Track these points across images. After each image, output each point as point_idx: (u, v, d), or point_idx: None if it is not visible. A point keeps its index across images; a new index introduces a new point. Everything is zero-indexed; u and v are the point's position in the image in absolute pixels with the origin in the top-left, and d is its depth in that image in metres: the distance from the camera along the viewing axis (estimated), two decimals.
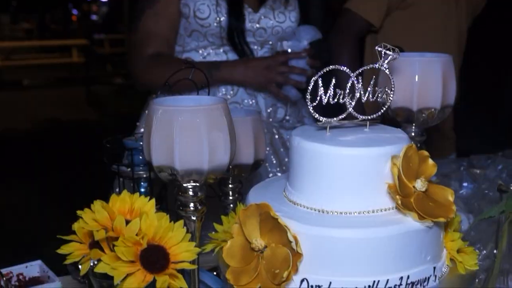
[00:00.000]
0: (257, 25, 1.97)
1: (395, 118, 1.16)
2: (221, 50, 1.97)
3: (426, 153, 0.96)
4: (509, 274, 1.07)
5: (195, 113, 0.93)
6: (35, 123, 8.84)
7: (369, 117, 0.98)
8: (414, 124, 1.16)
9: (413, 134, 1.18)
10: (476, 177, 1.46)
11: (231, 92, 1.96)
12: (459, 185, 1.45)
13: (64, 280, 1.20)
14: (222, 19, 1.90)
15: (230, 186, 1.27)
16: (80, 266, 1.36)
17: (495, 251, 1.08)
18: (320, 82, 0.94)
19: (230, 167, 1.23)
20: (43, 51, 16.80)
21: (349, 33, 2.21)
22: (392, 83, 0.98)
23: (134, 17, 2.00)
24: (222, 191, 1.28)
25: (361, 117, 0.98)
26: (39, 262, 1.19)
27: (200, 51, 1.97)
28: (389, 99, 0.98)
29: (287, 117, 2.04)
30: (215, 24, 1.91)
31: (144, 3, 1.95)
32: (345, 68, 0.95)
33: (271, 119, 2.01)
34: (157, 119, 0.94)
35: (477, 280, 1.13)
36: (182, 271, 0.86)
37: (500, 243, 1.06)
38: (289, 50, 1.89)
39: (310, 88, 0.94)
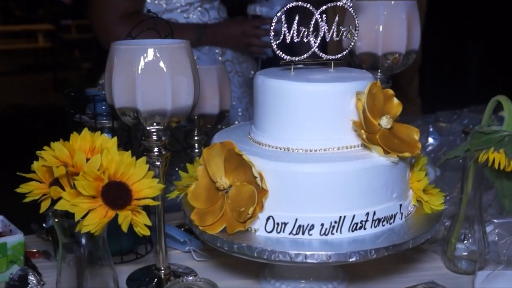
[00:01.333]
0: None
1: (360, 65, 1.15)
2: (203, 8, 1.92)
3: (391, 91, 0.95)
4: (475, 220, 1.07)
5: (158, 51, 0.90)
6: (1, 110, 8.70)
7: (334, 57, 0.98)
8: (379, 70, 1.15)
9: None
10: (442, 131, 1.47)
11: (220, 52, 1.95)
12: (425, 140, 1.45)
13: (28, 239, 1.17)
14: None
15: (196, 138, 1.25)
16: (44, 225, 1.35)
17: (461, 196, 1.08)
18: (283, 19, 0.93)
19: (195, 117, 1.22)
20: (7, 37, 16.53)
21: None
22: (357, 22, 0.97)
23: None
24: (188, 144, 1.27)
25: (325, 56, 0.97)
26: (0, 217, 1.16)
27: (183, 11, 1.91)
28: (354, 39, 0.98)
29: None
30: None
31: None
32: (309, 5, 0.93)
33: None
34: (118, 59, 0.92)
35: (443, 227, 1.14)
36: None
37: (466, 185, 1.06)
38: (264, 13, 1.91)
39: (273, 25, 0.93)
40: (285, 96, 0.91)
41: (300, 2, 0.93)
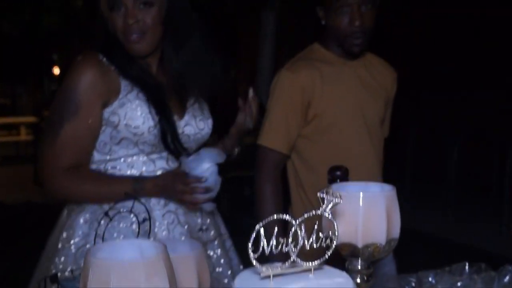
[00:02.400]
0: (182, 133, 1.95)
1: (339, 252, 1.14)
2: (149, 158, 1.93)
3: None
4: None
5: (134, 267, 0.89)
6: None
7: (313, 264, 0.96)
8: (360, 258, 1.14)
9: (359, 267, 1.16)
10: None
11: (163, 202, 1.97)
12: None
13: None
14: (155, 126, 1.87)
15: None
16: None
17: None
18: (262, 232, 0.92)
19: None
20: None
21: (267, 167, 2.27)
22: (336, 228, 0.97)
23: (48, 127, 1.89)
24: None
25: (305, 264, 0.96)
26: None
27: (128, 160, 1.92)
28: (333, 245, 0.97)
29: (204, 227, 2.01)
30: (149, 132, 1.87)
31: (61, 115, 1.85)
32: (288, 216, 0.93)
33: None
34: (93, 274, 0.90)
35: None
36: None
37: None
38: (191, 171, 1.87)
39: (252, 238, 0.92)
40: None
41: (280, 216, 0.92)
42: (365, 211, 1.11)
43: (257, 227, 0.92)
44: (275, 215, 0.93)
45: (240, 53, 13.33)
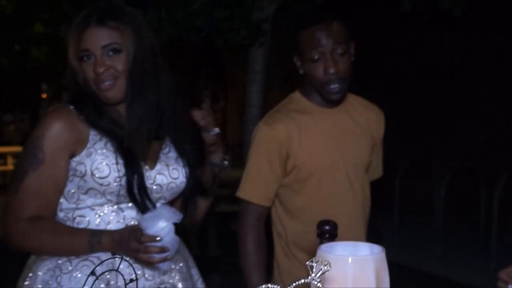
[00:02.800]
0: (154, 182, 1.93)
1: None
2: (118, 207, 1.91)
3: None
4: None
5: None
6: None
7: None
8: None
9: None
10: None
11: None
12: None
13: None
14: (122, 177, 1.85)
15: None
16: None
17: None
18: None
19: None
20: None
21: (248, 219, 2.29)
22: None
23: (14, 176, 1.88)
24: None
25: None
26: None
27: (96, 209, 1.89)
28: None
29: (161, 286, 1.94)
30: (115, 183, 1.84)
31: (26, 163, 1.84)
32: (276, 287, 0.93)
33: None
34: None
35: None
36: None
37: None
38: (146, 230, 1.77)
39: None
40: None
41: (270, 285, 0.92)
42: (354, 275, 1.11)
43: None
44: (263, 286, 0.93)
45: (228, 87, 13.41)
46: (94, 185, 1.84)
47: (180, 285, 1.99)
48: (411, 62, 8.86)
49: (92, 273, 1.65)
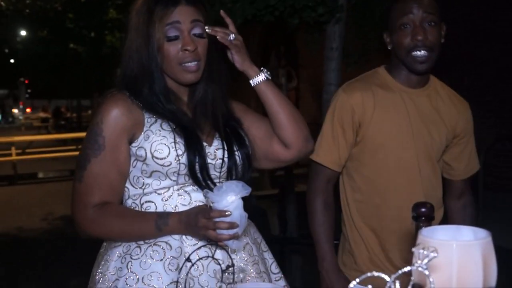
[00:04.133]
0: (214, 158, 1.93)
1: None
2: (184, 190, 1.90)
3: None
4: None
5: None
6: (51, 220, 8.81)
7: None
8: None
9: None
10: None
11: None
12: None
13: None
14: (182, 156, 1.86)
15: None
16: None
17: None
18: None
19: None
20: (58, 144, 17.02)
21: (317, 180, 2.34)
22: (433, 286, 0.92)
23: (78, 165, 1.91)
24: None
25: None
26: None
27: (162, 193, 1.90)
28: None
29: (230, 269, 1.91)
30: (176, 161, 1.85)
31: (88, 151, 1.88)
32: (384, 275, 0.89)
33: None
34: None
35: None
36: None
37: None
38: (214, 204, 1.75)
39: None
40: None
41: (376, 273, 0.88)
42: (459, 262, 1.05)
43: (352, 283, 0.88)
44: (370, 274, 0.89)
45: (300, 66, 13.32)
46: (156, 167, 1.85)
47: (251, 268, 1.97)
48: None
49: (188, 259, 1.64)
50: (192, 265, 1.74)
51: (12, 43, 21.96)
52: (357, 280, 0.88)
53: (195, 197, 1.90)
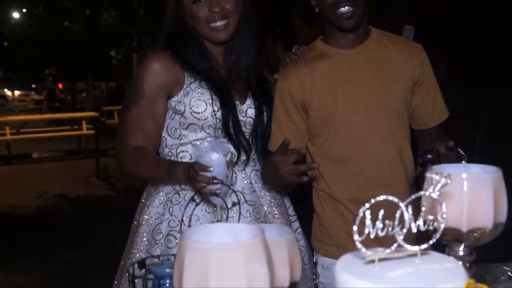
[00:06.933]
0: (245, 116, 2.13)
1: (442, 238, 1.07)
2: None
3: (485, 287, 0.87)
4: None
5: (233, 251, 0.84)
6: (45, 198, 8.79)
7: (420, 248, 0.90)
8: (463, 244, 1.07)
9: (461, 253, 1.08)
10: None
11: None
12: None
13: None
14: (217, 111, 2.05)
15: None
16: None
17: None
18: (368, 214, 0.86)
19: None
20: (53, 123, 16.95)
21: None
22: (444, 211, 0.90)
23: (122, 110, 2.15)
24: None
25: (411, 248, 0.89)
26: None
27: (194, 150, 2.03)
28: (441, 227, 0.90)
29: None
30: (212, 116, 2.05)
31: (130, 98, 2.10)
32: (396, 199, 0.87)
33: None
34: (189, 257, 0.86)
35: None
36: None
37: None
38: (199, 158, 1.89)
39: (357, 220, 0.86)
40: None
41: (389, 197, 0.86)
42: (470, 193, 1.03)
43: (362, 209, 0.86)
44: (382, 197, 0.87)
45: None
46: (193, 120, 2.06)
47: (275, 210, 2.17)
48: None
49: (193, 199, 1.76)
50: (197, 204, 1.84)
51: (5, 25, 21.77)
52: (370, 204, 0.86)
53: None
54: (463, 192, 1.03)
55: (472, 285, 0.84)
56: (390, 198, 0.87)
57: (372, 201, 0.86)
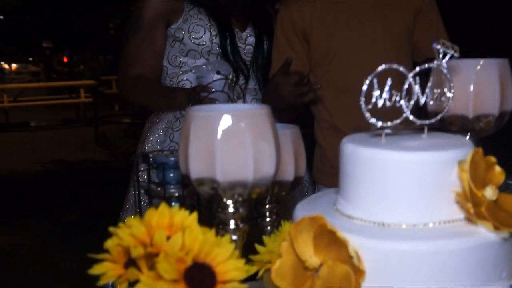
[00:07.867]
0: (245, 42, 2.18)
1: (448, 128, 1.07)
2: None
3: (493, 159, 0.87)
4: None
5: (239, 118, 0.84)
6: (44, 163, 8.79)
7: (428, 122, 0.90)
8: (469, 134, 1.07)
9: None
10: None
11: None
12: None
13: None
14: (216, 36, 2.10)
15: (268, 206, 1.17)
16: None
17: None
18: (375, 83, 0.86)
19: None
20: (50, 93, 16.89)
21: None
22: (451, 84, 0.89)
23: (122, 42, 2.20)
24: (258, 213, 1.19)
25: (419, 121, 0.89)
26: None
27: (196, 71, 2.08)
28: (449, 101, 0.90)
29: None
30: (210, 41, 2.10)
31: (129, 30, 2.16)
32: (402, 68, 0.86)
33: None
34: (195, 126, 0.85)
35: None
36: None
37: None
38: (201, 79, 1.97)
39: (364, 89, 0.85)
40: (378, 166, 0.83)
41: (395, 65, 0.85)
42: (476, 78, 1.03)
43: (369, 78, 0.86)
44: (386, 66, 0.86)
45: None
46: (192, 46, 2.11)
47: None
48: None
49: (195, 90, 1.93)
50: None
51: None
52: (376, 72, 0.86)
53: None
54: (470, 76, 1.03)
55: (480, 153, 0.84)
56: (395, 66, 0.86)
57: (379, 69, 0.86)
